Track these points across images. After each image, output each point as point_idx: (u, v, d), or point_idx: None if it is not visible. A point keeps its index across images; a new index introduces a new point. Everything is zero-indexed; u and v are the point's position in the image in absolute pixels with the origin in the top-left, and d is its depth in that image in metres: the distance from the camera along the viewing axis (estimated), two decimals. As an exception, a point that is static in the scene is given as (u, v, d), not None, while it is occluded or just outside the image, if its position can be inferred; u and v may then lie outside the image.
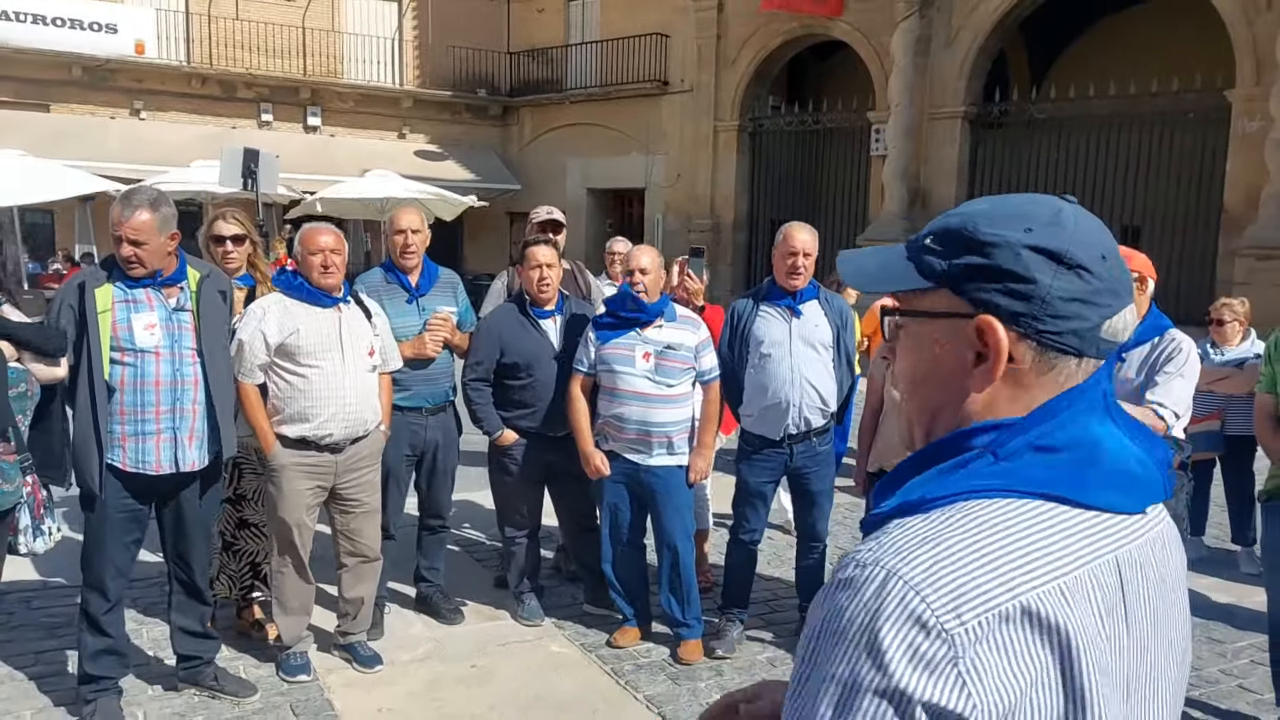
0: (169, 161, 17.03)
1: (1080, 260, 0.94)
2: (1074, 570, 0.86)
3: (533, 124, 24.09)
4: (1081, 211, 0.99)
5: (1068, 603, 0.85)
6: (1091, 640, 0.85)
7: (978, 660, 0.80)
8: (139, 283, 3.50)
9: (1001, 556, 0.84)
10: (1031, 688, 0.82)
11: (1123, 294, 0.97)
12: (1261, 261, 11.93)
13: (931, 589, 0.82)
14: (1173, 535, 1.01)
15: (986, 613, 0.81)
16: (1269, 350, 3.75)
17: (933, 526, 0.87)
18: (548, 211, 5.41)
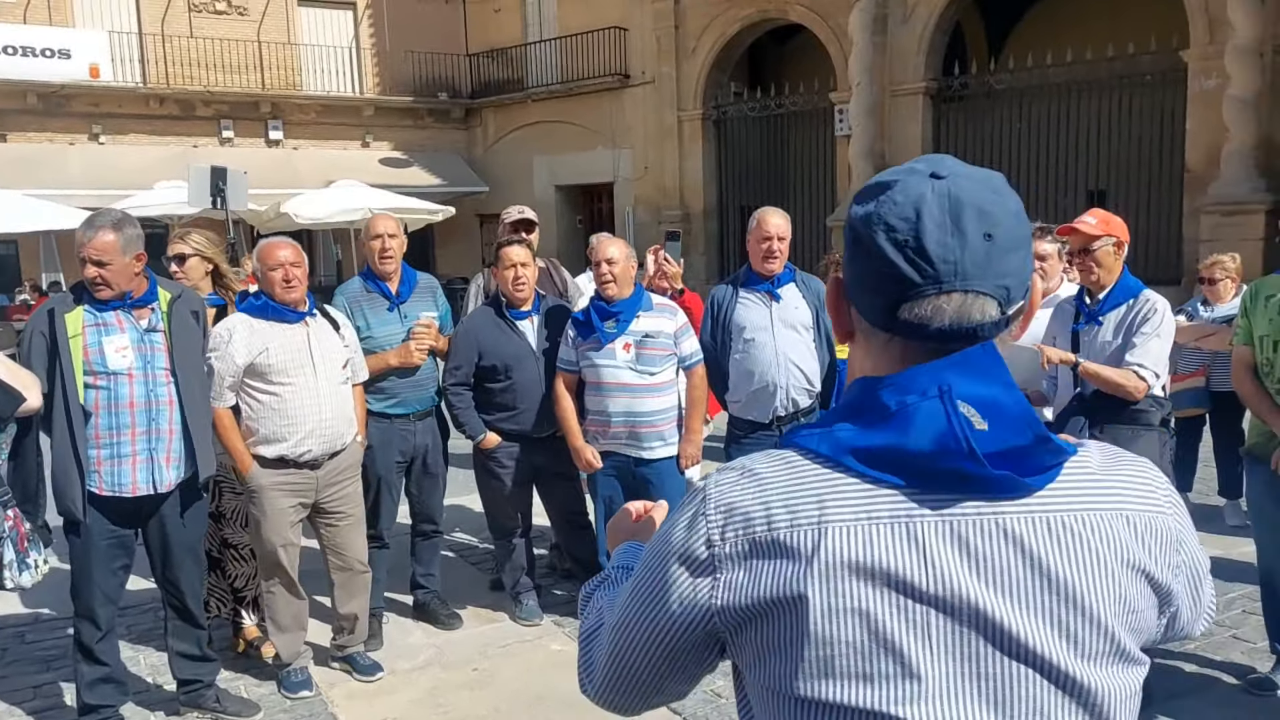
0: (132, 185, 16.84)
1: (875, 244, 0.98)
2: (833, 521, 0.96)
3: (496, 125, 23.99)
4: (919, 188, 0.98)
5: (815, 544, 0.96)
6: (836, 586, 0.95)
7: (730, 571, 1.00)
8: (109, 306, 3.48)
9: (772, 495, 1.00)
10: (769, 606, 0.98)
11: (920, 282, 0.96)
12: (1226, 218, 12.07)
13: (714, 508, 1.02)
14: (1071, 526, 0.98)
15: (745, 535, 0.99)
16: (1244, 303, 3.80)
17: (755, 461, 1.04)
18: (519, 211, 5.40)
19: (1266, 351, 3.64)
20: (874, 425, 0.98)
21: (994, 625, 0.96)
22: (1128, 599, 1.00)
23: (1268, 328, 3.63)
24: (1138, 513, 1.02)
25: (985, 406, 0.97)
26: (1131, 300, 3.62)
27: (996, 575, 0.96)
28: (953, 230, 0.96)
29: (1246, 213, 11.95)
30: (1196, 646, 4.25)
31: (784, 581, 0.97)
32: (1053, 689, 0.97)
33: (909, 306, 0.97)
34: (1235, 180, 12.19)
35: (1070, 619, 0.97)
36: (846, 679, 0.96)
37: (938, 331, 0.97)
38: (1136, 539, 1.01)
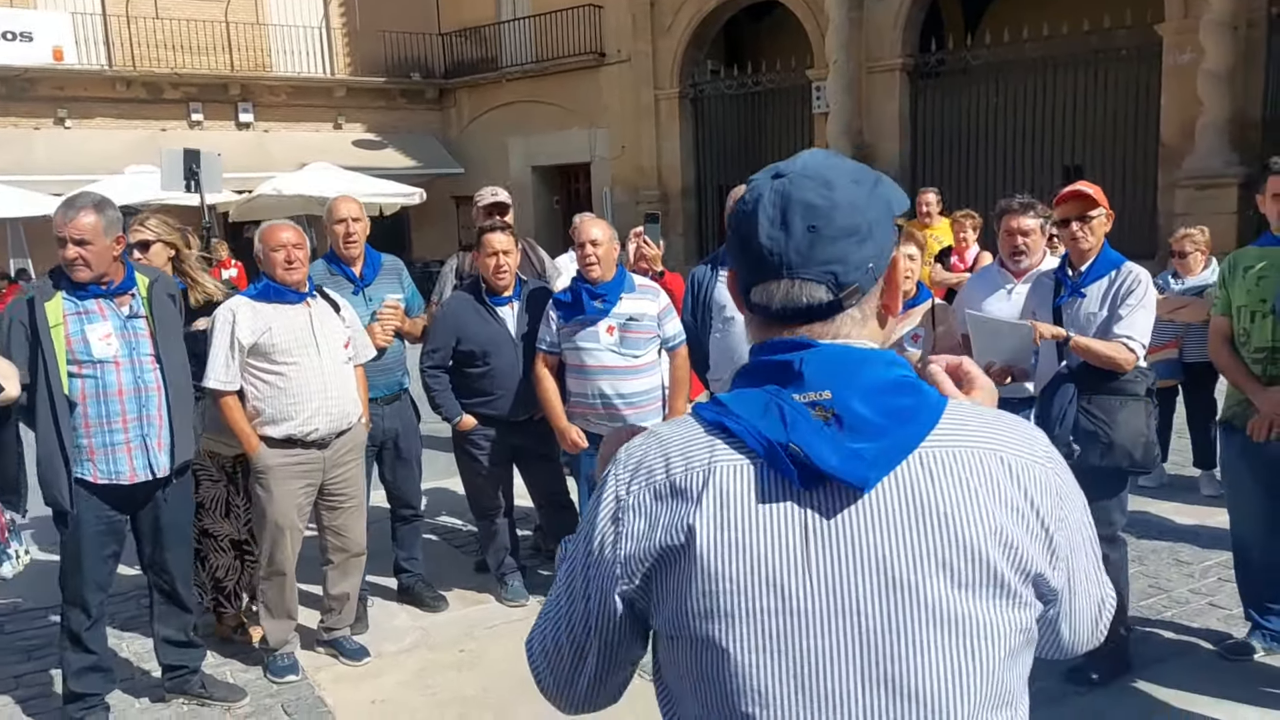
0: (100, 170, 16.61)
1: (731, 237, 1.17)
2: (721, 461, 1.07)
3: (471, 105, 23.78)
4: (758, 188, 1.13)
5: (704, 482, 1.06)
6: (722, 520, 1.05)
7: (633, 520, 1.09)
8: (89, 293, 3.44)
9: (672, 447, 1.10)
10: (665, 548, 1.07)
11: (753, 271, 1.13)
12: (1200, 191, 12.17)
13: (623, 466, 1.13)
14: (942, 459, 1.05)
15: (647, 484, 1.09)
16: (1223, 275, 3.84)
17: (660, 425, 1.18)
18: (492, 194, 5.36)
19: (1244, 322, 3.68)
20: (744, 404, 1.09)
21: (871, 556, 1.02)
22: (1004, 532, 1.04)
23: (1245, 299, 3.67)
24: (1014, 456, 1.07)
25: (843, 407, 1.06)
26: (1114, 272, 3.64)
27: (872, 506, 1.03)
28: (780, 225, 1.09)
29: (1220, 186, 12.05)
30: (1174, 614, 4.31)
31: (677, 520, 1.06)
32: (930, 617, 1.02)
33: (755, 290, 1.13)
34: (1209, 154, 12.28)
35: (944, 547, 1.02)
36: (730, 617, 1.03)
37: (778, 311, 1.11)
38: (1012, 479, 1.06)
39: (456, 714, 3.77)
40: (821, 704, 1.02)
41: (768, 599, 1.03)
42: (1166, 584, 4.63)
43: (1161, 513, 5.59)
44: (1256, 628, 3.91)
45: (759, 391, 1.09)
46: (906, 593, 1.01)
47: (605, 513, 1.12)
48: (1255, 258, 3.71)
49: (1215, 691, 3.63)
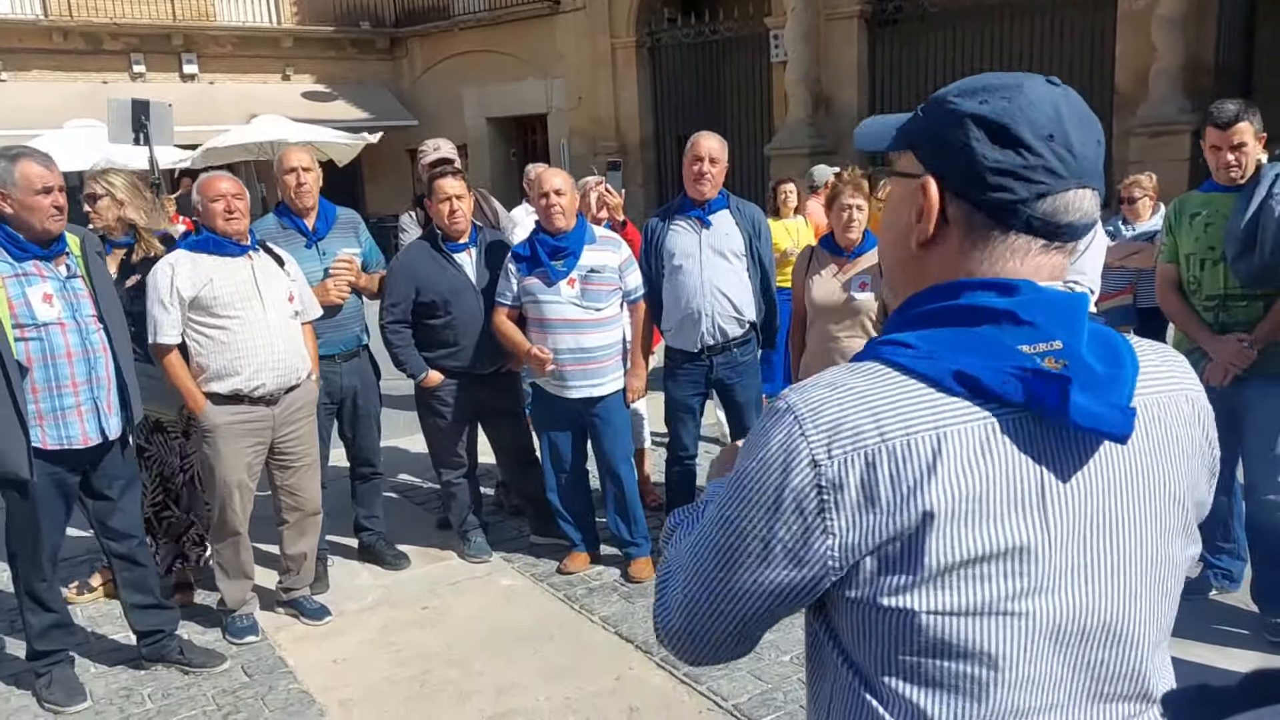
0: (40, 124, 16.02)
1: (1020, 135, 0.98)
2: (950, 425, 0.94)
3: (423, 55, 23.26)
4: (1050, 92, 1.01)
5: (914, 455, 0.93)
6: (961, 492, 0.94)
7: (843, 493, 0.94)
8: (27, 254, 3.33)
9: (879, 405, 0.95)
10: (892, 527, 0.94)
11: (1066, 175, 0.99)
12: (1154, 139, 12.25)
13: (812, 424, 0.96)
14: (1152, 411, 1.03)
15: (856, 450, 0.94)
16: (1168, 221, 3.85)
17: (839, 374, 1.00)
18: (435, 149, 5.23)
19: (1194, 270, 3.70)
20: (971, 347, 0.97)
21: (1101, 515, 0.99)
22: (1194, 475, 1.07)
23: (1193, 245, 3.69)
24: (1195, 393, 1.08)
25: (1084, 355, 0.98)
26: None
27: (1100, 464, 0.99)
28: (1084, 129, 1.00)
29: (1173, 133, 12.13)
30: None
31: (907, 496, 0.93)
32: (1144, 568, 1.02)
33: (1050, 199, 0.98)
34: (1163, 101, 12.35)
35: (1159, 501, 1.03)
36: (974, 582, 0.96)
37: (1067, 227, 1.00)
38: (1197, 419, 1.08)
39: (419, 671, 3.74)
40: (1046, 662, 0.99)
41: (1005, 564, 0.96)
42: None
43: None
44: (1208, 567, 3.99)
45: (968, 334, 0.97)
46: (1127, 547, 1.01)
47: (800, 479, 0.95)
48: (1200, 204, 3.73)
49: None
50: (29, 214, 3.28)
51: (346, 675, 3.74)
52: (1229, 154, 3.53)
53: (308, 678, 3.73)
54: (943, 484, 0.93)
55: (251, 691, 3.65)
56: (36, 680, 3.61)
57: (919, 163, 1.05)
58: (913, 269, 1.07)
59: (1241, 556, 3.95)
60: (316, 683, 3.69)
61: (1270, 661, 3.44)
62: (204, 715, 3.49)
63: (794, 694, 3.40)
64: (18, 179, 3.26)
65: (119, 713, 3.54)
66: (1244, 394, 3.60)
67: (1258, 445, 3.62)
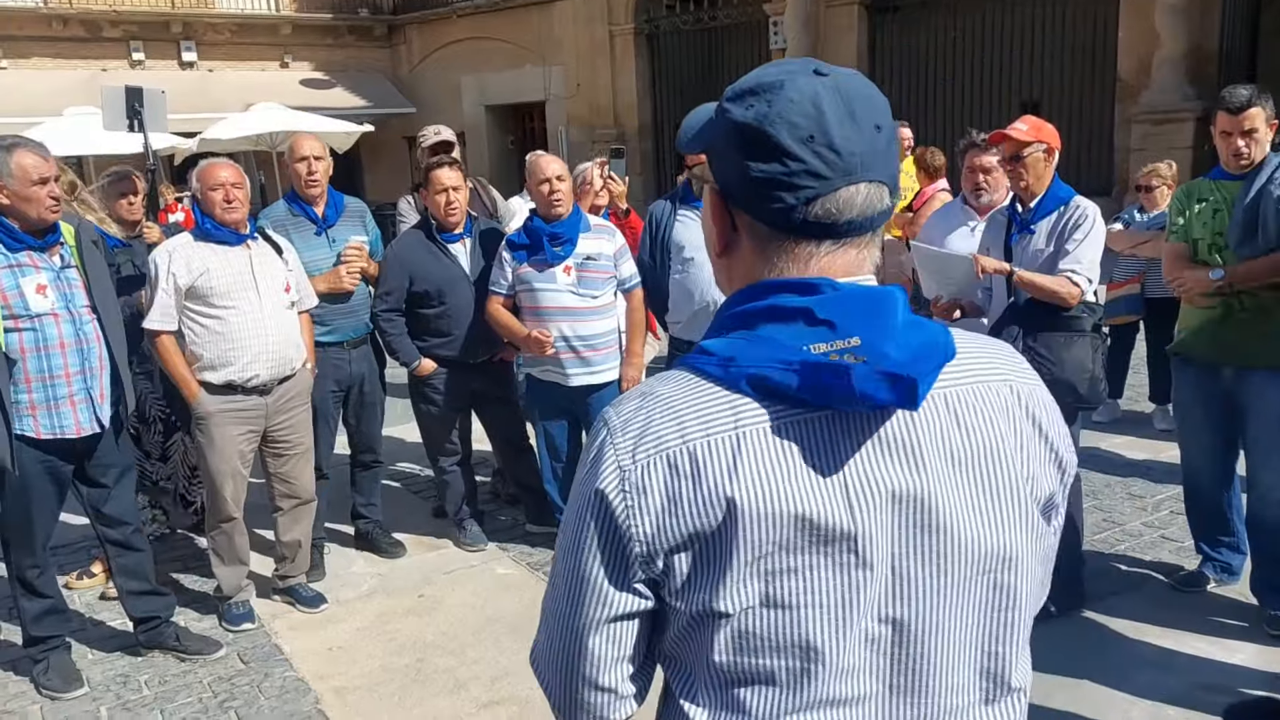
0: (39, 111, 15.97)
1: (780, 142, 0.95)
2: (749, 425, 0.95)
3: (421, 43, 23.18)
4: (811, 87, 0.96)
5: (735, 449, 0.94)
6: (762, 489, 0.94)
7: (646, 495, 0.96)
8: (21, 245, 3.31)
9: (683, 411, 0.97)
10: (694, 527, 0.95)
11: (831, 175, 0.96)
12: (1156, 127, 12.20)
13: (621, 433, 0.99)
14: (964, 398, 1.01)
15: (659, 453, 0.96)
16: (1177, 203, 3.79)
17: (651, 384, 1.03)
18: (435, 133, 5.21)
19: (1202, 254, 3.66)
20: (762, 349, 0.96)
21: (916, 500, 0.97)
22: (1026, 466, 1.03)
23: (1202, 232, 3.66)
24: (1020, 382, 1.05)
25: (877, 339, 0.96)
26: (1062, 208, 3.63)
27: (906, 452, 0.97)
28: (851, 123, 0.96)
29: (1176, 121, 12.09)
30: (1127, 547, 4.38)
31: (708, 496, 0.95)
32: (970, 560, 1.00)
33: (820, 202, 0.96)
34: (1166, 88, 12.30)
35: (978, 490, 1.00)
36: (784, 575, 0.96)
37: (846, 225, 0.98)
38: (1022, 407, 1.04)
39: (414, 659, 3.74)
40: (867, 649, 0.99)
41: (812, 556, 0.96)
42: (1120, 518, 4.70)
43: (1115, 448, 5.66)
44: (1207, 560, 3.98)
45: (761, 338, 0.97)
46: (945, 535, 0.98)
47: (607, 484, 0.97)
48: (1208, 190, 3.70)
49: (1167, 622, 3.71)
50: (26, 205, 3.27)
51: (342, 663, 3.74)
52: (1239, 139, 3.49)
53: (303, 665, 3.73)
54: (744, 481, 0.94)
55: (247, 679, 3.65)
56: (34, 667, 3.62)
57: (710, 172, 1.05)
58: (722, 275, 1.08)
59: (1240, 550, 3.93)
60: (312, 670, 3.69)
61: (1268, 655, 3.44)
62: (200, 702, 3.49)
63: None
64: (14, 170, 3.24)
65: (116, 699, 3.54)
66: (1247, 386, 3.58)
67: (1258, 438, 3.60)
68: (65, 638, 3.70)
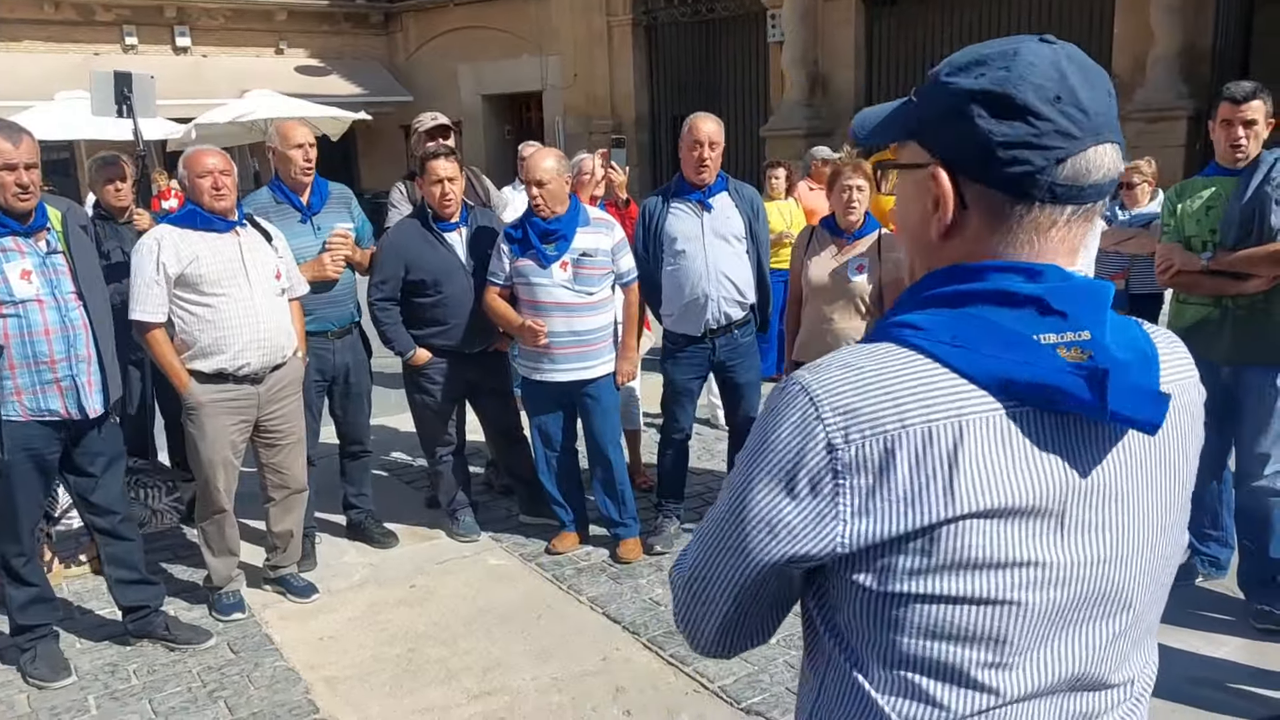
0: (31, 95, 15.88)
1: (1026, 103, 0.93)
2: (971, 414, 0.92)
3: (418, 31, 23.07)
4: (1049, 51, 0.95)
5: (935, 442, 0.91)
6: (981, 484, 0.91)
7: (858, 478, 0.92)
8: (5, 230, 3.27)
9: (898, 389, 0.92)
10: (905, 507, 0.91)
11: (1081, 135, 0.94)
12: (1151, 124, 12.20)
13: (829, 406, 0.93)
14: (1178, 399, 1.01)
15: (875, 435, 0.91)
16: (1170, 203, 3.81)
17: (854, 355, 0.96)
18: (432, 118, 5.19)
19: (1196, 252, 3.68)
20: (994, 335, 0.93)
21: (1122, 505, 0.98)
22: (1195, 462, 1.07)
23: (1196, 228, 3.67)
24: (1197, 380, 1.07)
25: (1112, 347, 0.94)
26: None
27: (1122, 455, 0.97)
28: (1091, 84, 0.95)
29: (1170, 119, 12.10)
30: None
31: (925, 485, 0.91)
32: (1160, 551, 1.03)
33: (1070, 162, 0.93)
34: (1160, 86, 12.30)
35: (1176, 488, 1.03)
36: (986, 571, 0.93)
37: (1093, 188, 0.95)
38: (1200, 406, 1.07)
39: (406, 649, 3.74)
40: (1051, 650, 0.98)
41: (1021, 552, 0.93)
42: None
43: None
44: (1196, 554, 4.00)
45: (989, 320, 0.93)
46: (1140, 536, 1.00)
47: (815, 461, 0.93)
48: (1201, 187, 3.72)
49: (1155, 616, 3.72)
50: (10, 188, 3.23)
51: (333, 653, 3.74)
52: (1240, 129, 3.53)
53: (294, 655, 3.72)
54: (964, 474, 0.91)
55: (237, 668, 3.64)
56: (21, 655, 3.60)
57: (924, 151, 1.00)
58: (936, 260, 1.02)
59: (1229, 544, 3.96)
60: (303, 660, 3.69)
61: (1256, 648, 3.46)
62: (189, 691, 3.49)
63: (780, 676, 3.40)
64: None
65: (104, 688, 3.53)
66: (1243, 381, 3.60)
67: (1251, 433, 3.63)
68: (53, 626, 3.68)
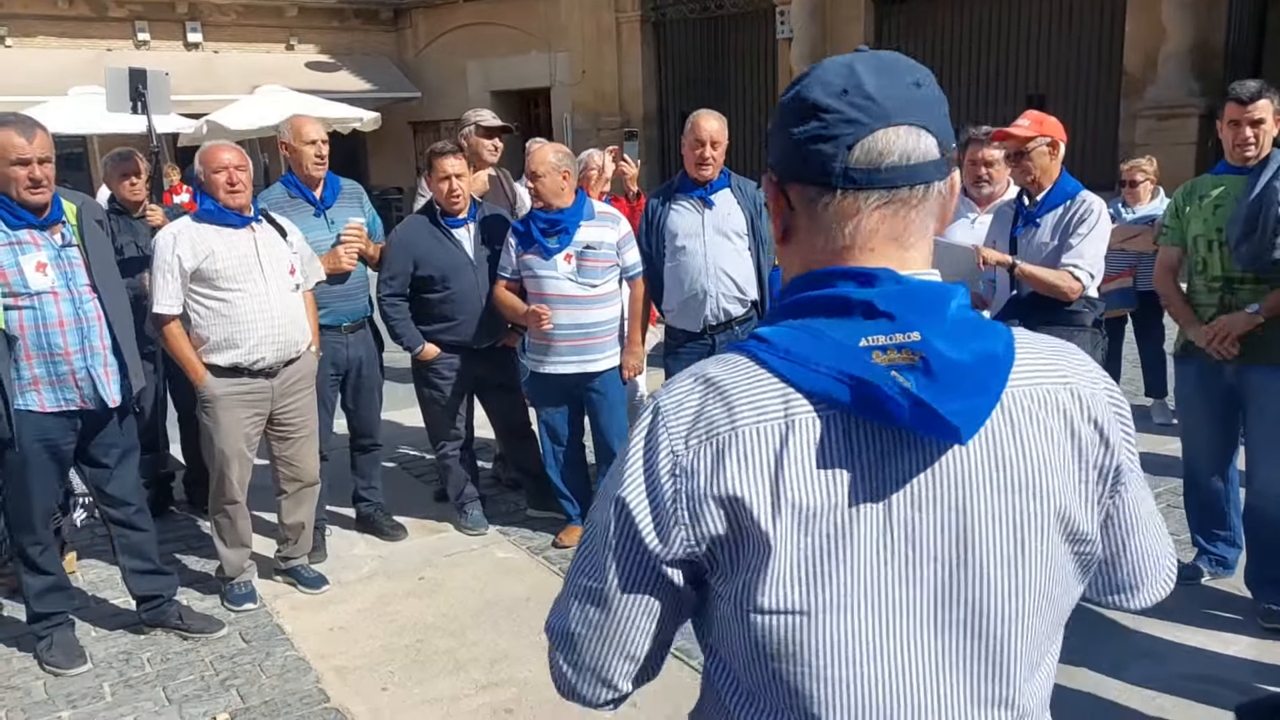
0: (44, 90, 16.00)
1: (815, 101, 0.99)
2: (766, 421, 0.95)
3: (427, 27, 23.10)
4: (847, 57, 1.01)
5: (763, 442, 0.94)
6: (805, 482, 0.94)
7: (697, 480, 0.95)
8: (22, 223, 3.31)
9: (734, 396, 0.96)
10: (738, 514, 0.94)
11: (869, 120, 0.96)
12: (1161, 122, 12.18)
13: (674, 416, 0.98)
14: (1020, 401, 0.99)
15: (710, 438, 0.95)
16: (1175, 204, 3.83)
17: (704, 367, 1.02)
18: (493, 116, 5.20)
19: (1202, 251, 3.69)
20: (819, 343, 0.95)
21: (953, 512, 0.96)
22: (1082, 471, 1.02)
23: (1202, 228, 3.68)
24: (1083, 386, 1.03)
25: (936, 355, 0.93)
26: (1068, 202, 3.64)
27: (954, 461, 0.96)
28: (884, 76, 0.98)
29: (1181, 116, 12.06)
30: (1123, 539, 4.39)
31: (752, 483, 0.94)
32: (1005, 564, 0.98)
33: (860, 146, 0.96)
34: (1171, 84, 12.26)
35: (1025, 498, 0.98)
36: (811, 581, 0.95)
37: (890, 170, 0.97)
38: (1083, 411, 1.02)
39: (414, 640, 3.77)
40: (897, 659, 0.97)
41: (849, 557, 0.94)
42: (1116, 509, 4.71)
43: (1113, 440, 5.66)
44: (1203, 553, 4.00)
45: (822, 338, 0.95)
46: (984, 543, 0.97)
47: (660, 468, 0.97)
48: (1210, 185, 3.71)
49: (1161, 614, 3.72)
50: (4, 185, 3.27)
51: (343, 643, 3.77)
52: (1248, 129, 3.52)
53: (304, 645, 3.76)
54: (788, 471, 0.93)
55: (249, 658, 3.68)
56: (37, 643, 3.65)
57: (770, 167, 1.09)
58: (788, 265, 1.09)
59: (1237, 544, 3.95)
60: (313, 650, 3.72)
61: (1261, 648, 3.46)
62: (202, 680, 3.53)
63: (786, 669, 3.42)
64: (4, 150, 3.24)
65: (118, 675, 3.57)
66: (1248, 381, 3.60)
67: (1258, 433, 3.63)
68: (68, 614, 3.72)
